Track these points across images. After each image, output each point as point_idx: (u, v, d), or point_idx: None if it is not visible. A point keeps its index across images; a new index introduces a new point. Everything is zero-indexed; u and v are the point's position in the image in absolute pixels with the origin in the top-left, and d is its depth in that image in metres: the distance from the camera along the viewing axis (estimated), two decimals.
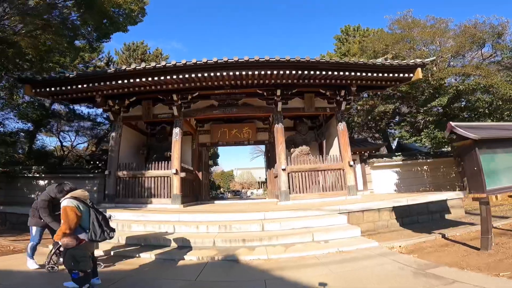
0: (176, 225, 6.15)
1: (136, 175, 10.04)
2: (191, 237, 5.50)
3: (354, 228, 5.64)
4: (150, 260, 4.75)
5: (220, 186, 53.61)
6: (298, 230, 5.79)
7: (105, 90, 9.54)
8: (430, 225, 6.93)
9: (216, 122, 13.41)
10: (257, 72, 8.53)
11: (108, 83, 8.81)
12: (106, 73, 8.78)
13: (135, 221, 6.85)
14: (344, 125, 10.37)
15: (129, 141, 11.62)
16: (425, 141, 10.51)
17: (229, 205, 10.13)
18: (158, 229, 6.19)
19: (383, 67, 9.01)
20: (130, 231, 6.29)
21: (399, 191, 13.35)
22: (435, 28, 12.18)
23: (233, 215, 6.63)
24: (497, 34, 11.00)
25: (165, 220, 6.80)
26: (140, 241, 5.60)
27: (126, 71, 8.61)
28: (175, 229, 6.09)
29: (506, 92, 9.11)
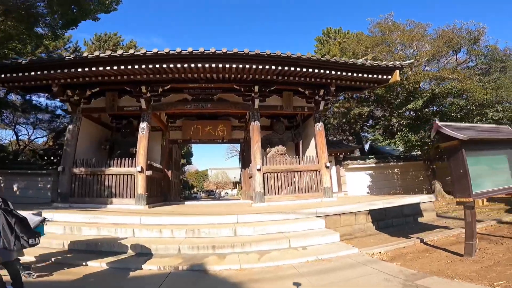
0: (136, 229, 5.42)
1: (95, 172, 9.04)
2: (153, 243, 4.84)
3: (332, 233, 5.29)
4: (99, 269, 4.03)
5: (194, 186, 52.19)
6: (273, 235, 5.33)
7: (63, 78, 8.53)
8: (405, 228, 6.84)
9: (189, 118, 12.64)
10: (234, 65, 8.03)
11: (67, 70, 7.88)
12: (64, 60, 7.82)
13: (87, 223, 6.00)
14: (322, 126, 10.15)
15: (89, 135, 10.53)
16: (399, 144, 10.63)
17: (200, 207, 9.46)
18: (114, 233, 5.42)
19: (363, 67, 8.91)
20: (80, 235, 5.45)
21: (372, 193, 13.50)
22: (414, 32, 12.45)
23: (203, 218, 6.02)
24: (473, 39, 11.42)
25: (124, 222, 6.02)
26: (90, 246, 4.84)
27: (88, 59, 7.74)
28: (134, 233, 5.37)
29: (480, 97, 9.43)
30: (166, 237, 5.29)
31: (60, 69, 7.87)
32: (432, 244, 4.98)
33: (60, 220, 6.23)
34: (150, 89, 9.39)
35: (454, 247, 4.45)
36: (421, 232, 6.02)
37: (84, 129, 10.03)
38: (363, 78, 9.23)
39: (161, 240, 5.14)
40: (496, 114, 9.68)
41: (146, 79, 8.83)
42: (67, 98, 9.49)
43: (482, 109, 9.81)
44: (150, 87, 9.35)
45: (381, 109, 15.01)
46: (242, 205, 9.45)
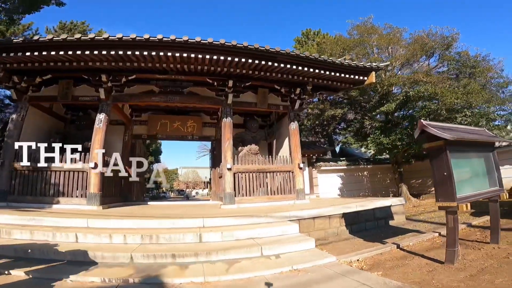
0: (81, 234, 4.60)
1: (40, 168, 7.86)
2: (99, 250, 4.08)
3: (307, 240, 4.89)
4: (21, 279, 3.25)
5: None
6: (243, 241, 4.80)
7: (9, 63, 7.38)
8: (378, 232, 6.70)
9: (156, 112, 11.70)
10: (208, 56, 7.41)
11: (13, 54, 6.83)
12: (11, 43, 6.75)
13: (21, 226, 5.05)
14: (296, 125, 9.85)
15: (37, 127, 9.26)
16: (371, 146, 10.69)
17: (164, 208, 8.66)
18: (51, 237, 4.55)
19: (341, 67, 8.77)
20: (8, 238, 4.54)
21: (342, 195, 13.54)
22: (391, 36, 12.69)
23: (163, 222, 5.33)
24: (446, 44, 11.86)
25: (66, 226, 5.15)
26: (18, 252, 3.99)
27: (40, 42, 6.72)
28: (77, 238, 4.56)
29: (451, 101, 9.73)
30: (116, 243, 4.53)
31: (5, 53, 6.80)
32: (409, 250, 4.78)
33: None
34: (112, 78, 8.44)
35: (432, 253, 4.26)
36: (394, 237, 5.86)
37: (31, 120, 8.82)
38: (340, 78, 9.12)
39: (110, 246, 4.37)
40: (464, 119, 10.08)
41: (108, 67, 7.91)
42: (13, 84, 8.27)
43: (452, 114, 10.18)
44: (112, 76, 8.41)
45: (354, 112, 15.20)
46: (211, 207, 8.82)
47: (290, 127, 9.78)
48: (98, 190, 7.73)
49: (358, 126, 13.29)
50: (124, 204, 9.74)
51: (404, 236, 5.92)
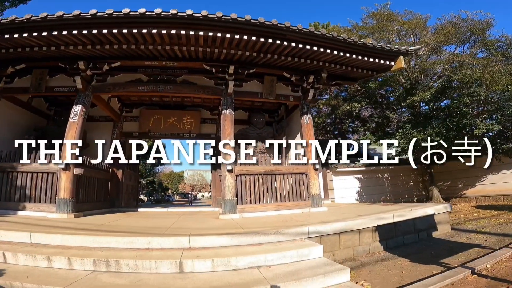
0: (10, 253, 3.35)
1: (4, 168, 6.65)
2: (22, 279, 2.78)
3: (338, 270, 3.38)
4: None
5: (168, 188, 49.14)
6: (245, 273, 3.34)
7: None
8: (423, 248, 5.24)
9: (149, 106, 10.38)
10: (202, 33, 6.01)
11: None
12: None
13: None
14: (310, 119, 8.36)
15: (13, 122, 8.18)
16: (402, 142, 9.09)
17: (153, 217, 7.26)
18: None
19: (364, 49, 7.28)
20: None
21: (361, 200, 11.97)
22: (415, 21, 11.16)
23: (136, 240, 3.90)
24: (482, 29, 10.17)
25: (3, 240, 3.91)
26: None
27: (1, 24, 5.49)
28: (6, 258, 3.32)
29: (503, 88, 7.99)
30: (57, 268, 3.22)
31: None
32: (493, 276, 3.24)
33: None
34: (92, 66, 7.19)
35: None
36: (452, 255, 4.39)
37: (3, 114, 7.67)
38: (362, 62, 7.67)
39: (44, 273, 3.05)
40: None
41: (86, 53, 6.74)
42: None
43: (504, 102, 8.47)
44: (92, 63, 7.16)
45: (373, 106, 13.59)
46: (208, 216, 7.36)
47: (303, 121, 8.30)
48: (70, 195, 6.41)
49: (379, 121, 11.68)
50: (110, 210, 8.43)
51: (465, 253, 4.42)
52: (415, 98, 9.44)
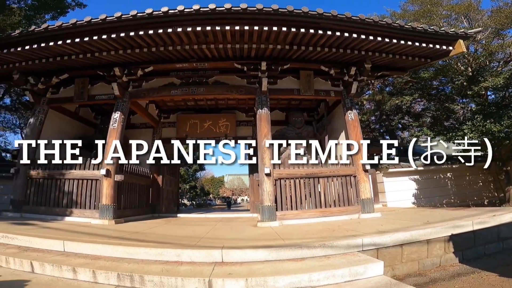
0: (37, 262, 3.23)
1: (54, 175, 7.00)
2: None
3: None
4: None
5: (210, 192, 50.46)
6: None
7: (16, 61, 6.75)
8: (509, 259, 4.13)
9: (185, 111, 10.38)
10: (228, 27, 5.69)
11: (13, 50, 6.05)
12: (9, 38, 6.00)
13: None
14: (356, 114, 7.52)
15: (61, 132, 8.56)
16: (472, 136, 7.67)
17: (190, 224, 7.02)
18: (4, 263, 3.40)
19: (413, 33, 6.37)
20: None
21: (419, 204, 10.50)
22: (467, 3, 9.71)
23: (165, 252, 3.56)
24: None
25: (37, 247, 3.89)
26: None
27: (35, 33, 5.85)
28: (33, 268, 3.20)
29: None
30: (82, 280, 3.02)
31: (6, 49, 6.10)
32: None
33: None
34: (126, 72, 7.31)
35: None
36: None
37: (52, 124, 8.17)
38: (412, 48, 6.72)
39: (68, 286, 2.89)
40: None
41: (119, 58, 6.87)
42: (30, 87, 7.70)
43: None
44: (126, 69, 7.28)
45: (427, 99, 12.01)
46: (245, 223, 6.91)
47: (347, 117, 7.47)
48: (112, 202, 6.48)
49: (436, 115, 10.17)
50: (151, 216, 8.50)
51: None
52: (485, 84, 7.92)
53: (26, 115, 15.53)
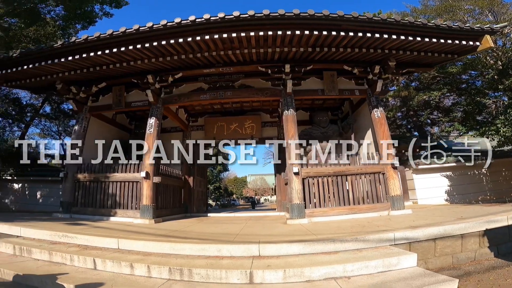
0: (99, 259, 3.59)
1: (99, 178, 7.64)
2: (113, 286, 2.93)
3: (440, 281, 2.76)
4: None
5: (233, 193, 51.23)
6: (319, 285, 2.99)
7: (59, 72, 7.37)
8: None
9: (212, 114, 10.82)
10: (253, 33, 5.94)
11: (57, 61, 6.62)
12: (53, 48, 6.56)
13: (51, 242, 4.47)
14: (382, 112, 7.49)
15: (101, 137, 9.10)
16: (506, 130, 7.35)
17: (221, 222, 7.38)
18: (69, 261, 3.74)
19: (437, 30, 6.33)
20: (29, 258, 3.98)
21: (452, 201, 10.16)
22: None
23: (207, 247, 3.88)
24: None
25: (95, 245, 4.29)
26: (17, 278, 3.22)
27: (76, 44, 6.36)
28: (96, 265, 3.56)
29: None
30: (138, 275, 3.34)
31: (50, 60, 6.67)
32: None
33: (27, 236, 4.90)
34: (158, 79, 7.80)
35: None
36: None
37: (94, 131, 8.82)
38: (436, 45, 6.67)
39: (127, 280, 3.17)
40: None
41: (151, 66, 7.33)
42: (73, 96, 8.37)
43: None
44: (158, 76, 7.75)
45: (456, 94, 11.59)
46: (275, 221, 7.15)
47: (373, 115, 7.47)
48: (151, 202, 6.96)
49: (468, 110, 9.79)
50: (183, 216, 8.97)
51: None
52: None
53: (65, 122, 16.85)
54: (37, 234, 4.81)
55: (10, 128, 13.71)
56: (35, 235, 4.83)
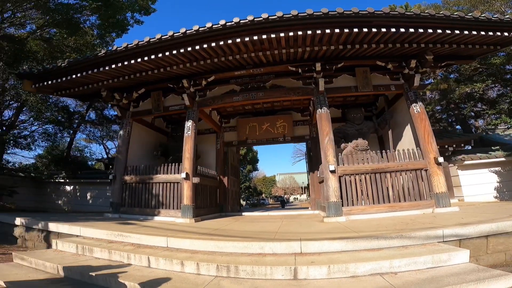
0: (153, 257, 3.82)
1: (144, 180, 8.16)
2: (165, 283, 3.14)
3: (496, 276, 2.63)
4: None
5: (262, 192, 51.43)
6: (365, 280, 2.98)
7: (104, 79, 7.90)
8: None
9: (243, 115, 11.05)
10: (283, 34, 5.97)
11: (102, 69, 7.11)
12: (97, 57, 7.05)
13: (108, 241, 4.84)
14: (422, 107, 7.20)
15: (142, 141, 9.89)
16: None
17: (257, 221, 7.53)
18: (126, 259, 4.01)
19: (476, 23, 5.94)
20: (90, 257, 4.30)
21: (502, 198, 9.40)
22: None
23: (250, 245, 4.00)
24: None
25: (146, 244, 4.57)
26: (84, 277, 3.50)
27: (118, 52, 6.78)
28: (150, 263, 3.80)
29: None
30: (188, 273, 3.52)
31: (96, 68, 7.14)
32: None
33: (86, 236, 5.34)
34: (192, 83, 8.12)
35: None
36: None
37: (136, 135, 9.38)
38: (476, 38, 6.32)
39: (179, 277, 3.36)
40: None
41: (186, 71, 7.67)
42: (116, 102, 8.97)
43: None
44: (192, 80, 8.08)
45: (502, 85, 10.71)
46: (311, 219, 7.15)
47: (412, 110, 7.19)
48: (191, 202, 7.31)
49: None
50: (219, 215, 9.28)
51: None
52: None
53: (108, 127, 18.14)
54: (95, 234, 5.23)
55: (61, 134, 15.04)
56: (93, 234, 5.25)
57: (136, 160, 9.04)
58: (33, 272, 3.89)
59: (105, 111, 17.08)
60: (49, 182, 13.34)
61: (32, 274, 3.80)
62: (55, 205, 13.22)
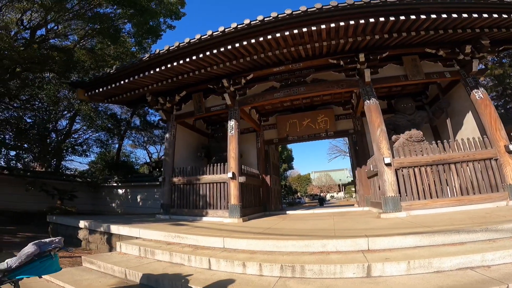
0: (214, 259, 3.80)
1: (191, 181, 8.38)
2: (230, 285, 3.11)
3: None
4: None
5: (297, 191, 50.76)
6: (454, 275, 2.74)
7: (148, 84, 8.22)
8: None
9: (282, 113, 10.94)
10: (324, 26, 5.78)
11: (147, 73, 7.37)
12: (142, 61, 7.34)
13: (167, 243, 4.95)
14: (484, 93, 6.61)
15: (186, 143, 10.22)
16: None
17: (305, 219, 7.37)
18: (187, 261, 4.04)
19: None
20: (153, 259, 4.41)
21: None
22: None
23: (310, 243, 3.88)
24: None
25: (204, 245, 4.59)
26: (150, 281, 3.57)
27: (161, 54, 7.00)
28: (210, 264, 3.79)
29: None
30: (250, 274, 3.44)
31: (142, 73, 7.41)
32: None
33: (146, 238, 5.50)
34: (232, 82, 8.17)
35: None
36: None
37: (180, 137, 9.70)
38: None
39: (242, 279, 3.29)
40: None
41: (225, 71, 7.74)
42: (161, 106, 9.31)
43: None
44: (231, 79, 8.13)
45: None
46: (363, 216, 6.83)
47: (474, 96, 6.60)
48: (238, 201, 7.35)
49: None
50: (263, 214, 9.26)
51: None
52: None
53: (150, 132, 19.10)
54: (153, 235, 5.36)
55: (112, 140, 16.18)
56: (152, 236, 5.39)
57: (182, 162, 9.34)
58: (103, 277, 3.96)
59: (147, 117, 18.01)
60: (103, 186, 14.35)
61: (102, 279, 3.85)
62: (109, 208, 14.13)
